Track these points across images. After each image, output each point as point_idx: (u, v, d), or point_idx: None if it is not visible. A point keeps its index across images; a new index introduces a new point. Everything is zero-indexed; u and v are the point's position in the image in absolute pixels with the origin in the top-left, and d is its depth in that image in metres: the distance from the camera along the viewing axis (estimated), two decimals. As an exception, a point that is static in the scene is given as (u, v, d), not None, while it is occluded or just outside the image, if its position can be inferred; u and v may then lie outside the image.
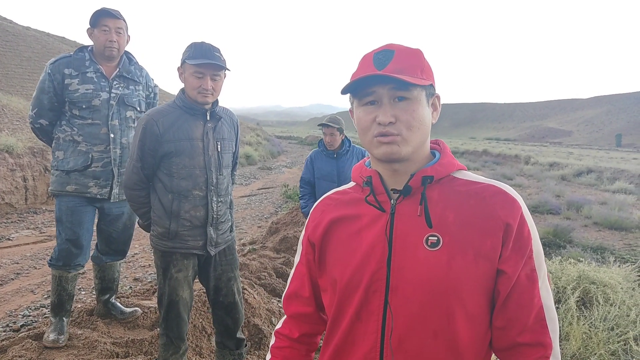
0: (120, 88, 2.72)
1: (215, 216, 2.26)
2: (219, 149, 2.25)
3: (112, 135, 2.67)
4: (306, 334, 1.15)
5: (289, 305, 1.16)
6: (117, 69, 2.73)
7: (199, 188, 2.20)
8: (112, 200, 2.74)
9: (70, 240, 2.66)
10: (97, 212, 2.83)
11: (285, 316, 1.19)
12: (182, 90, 2.19)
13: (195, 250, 2.25)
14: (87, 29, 2.67)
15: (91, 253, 2.91)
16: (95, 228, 2.88)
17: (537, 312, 0.91)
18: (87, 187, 2.66)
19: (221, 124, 2.28)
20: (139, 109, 2.84)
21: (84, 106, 2.62)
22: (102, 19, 2.61)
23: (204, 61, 2.04)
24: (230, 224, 2.41)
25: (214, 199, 2.25)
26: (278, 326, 1.19)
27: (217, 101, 2.25)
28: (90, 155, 2.64)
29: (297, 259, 1.17)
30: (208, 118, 2.21)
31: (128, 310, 3.12)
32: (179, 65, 2.15)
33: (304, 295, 1.13)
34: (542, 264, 0.94)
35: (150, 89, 2.95)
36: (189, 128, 2.16)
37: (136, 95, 2.81)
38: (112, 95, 2.68)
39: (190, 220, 2.20)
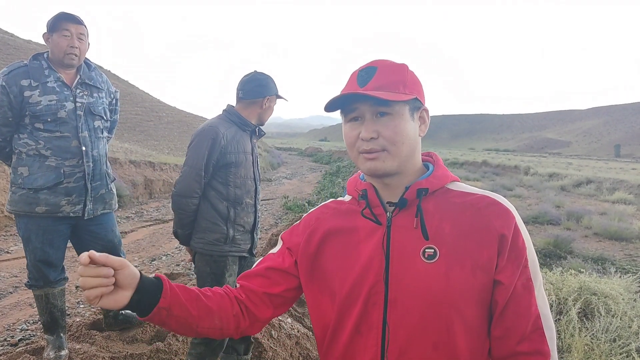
0: (84, 96, 2.52)
1: (259, 221, 2.50)
2: (257, 162, 2.51)
3: (83, 148, 2.48)
4: (244, 304, 1.07)
5: (244, 280, 1.11)
6: (78, 76, 2.53)
7: (250, 196, 2.42)
8: (86, 217, 2.55)
9: (41, 261, 2.51)
10: (71, 229, 2.62)
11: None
12: (232, 107, 2.41)
13: (244, 253, 2.44)
14: (44, 34, 2.43)
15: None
16: (76, 251, 2.76)
17: (535, 320, 0.92)
18: (58, 206, 2.45)
19: (256, 141, 2.53)
20: (105, 117, 2.66)
21: (49, 119, 2.39)
22: (63, 23, 2.39)
23: (284, 98, 2.48)
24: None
25: (258, 206, 2.50)
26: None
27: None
28: (61, 171, 2.44)
29: (273, 250, 1.15)
30: (256, 134, 2.47)
31: None
32: (265, 96, 2.38)
33: (263, 275, 1.09)
34: (537, 273, 0.95)
35: (112, 95, 2.77)
36: (244, 142, 2.39)
37: (101, 103, 2.62)
38: (78, 104, 2.48)
39: (243, 226, 2.40)
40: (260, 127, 2.49)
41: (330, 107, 0.99)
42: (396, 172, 0.97)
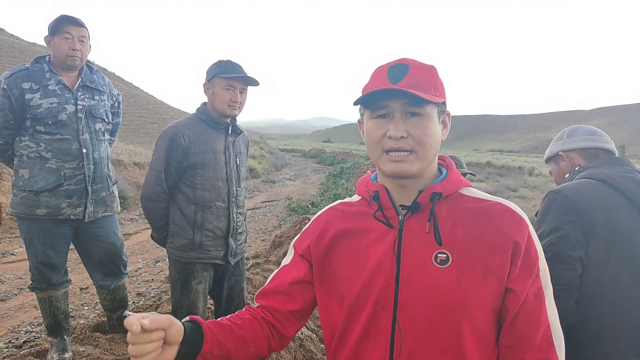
0: (86, 99, 2.53)
1: (235, 227, 2.35)
2: (237, 162, 2.36)
3: (84, 151, 2.49)
4: (272, 324, 1.07)
5: (264, 299, 1.09)
6: (80, 79, 2.54)
7: (222, 199, 2.28)
8: (86, 220, 2.56)
9: (43, 264, 2.52)
10: (73, 232, 2.64)
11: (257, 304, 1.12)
12: (204, 105, 2.29)
13: (217, 260, 2.31)
14: (45, 37, 2.46)
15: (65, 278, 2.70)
16: (78, 253, 2.78)
17: (545, 330, 0.92)
18: (59, 209, 2.46)
19: (239, 138, 2.39)
20: (107, 120, 2.67)
21: (49, 122, 2.41)
22: (64, 26, 2.41)
23: (236, 75, 2.18)
24: (245, 235, 2.49)
25: (234, 210, 2.34)
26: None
27: (235, 117, 2.35)
28: (62, 173, 2.45)
29: (286, 260, 1.13)
30: (230, 132, 2.31)
31: None
32: (205, 81, 2.25)
33: (283, 291, 1.08)
34: (548, 282, 0.94)
35: (114, 98, 2.78)
36: (213, 141, 2.26)
37: (102, 105, 2.64)
38: (79, 107, 2.49)
39: (214, 231, 2.28)
40: (236, 123, 2.33)
41: (358, 101, 0.97)
42: (418, 174, 0.96)
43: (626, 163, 1.60)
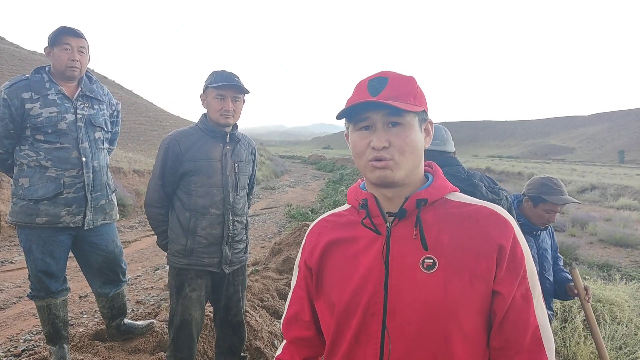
0: (85, 108, 2.56)
1: (230, 235, 2.34)
2: (236, 170, 2.37)
3: (83, 159, 2.52)
4: (307, 358, 1.15)
5: (289, 330, 1.16)
6: (79, 89, 2.57)
7: (216, 206, 2.29)
8: (85, 228, 2.57)
9: (42, 272, 2.53)
10: (72, 240, 2.64)
11: (285, 341, 1.19)
12: (204, 115, 2.33)
13: (210, 267, 2.31)
14: (45, 48, 2.49)
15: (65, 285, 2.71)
16: (77, 262, 2.78)
17: (533, 331, 0.92)
18: (59, 217, 2.47)
19: (239, 147, 2.40)
20: (106, 128, 2.70)
21: (49, 131, 2.43)
22: (64, 37, 2.45)
23: (225, 83, 2.21)
24: (245, 244, 2.47)
25: (231, 217, 2.33)
26: (278, 352, 1.19)
27: (236, 125, 2.38)
28: (61, 182, 2.47)
29: (294, 282, 1.17)
30: (227, 140, 2.33)
31: (144, 323, 3.07)
32: (202, 92, 2.30)
33: (305, 319, 1.13)
34: (536, 283, 0.95)
35: (113, 107, 2.81)
36: (209, 149, 2.28)
37: (102, 114, 2.67)
38: (79, 116, 2.52)
39: (207, 238, 2.28)
40: (234, 131, 2.35)
41: (341, 114, 1.00)
42: (402, 182, 0.98)
43: (449, 163, 1.99)
